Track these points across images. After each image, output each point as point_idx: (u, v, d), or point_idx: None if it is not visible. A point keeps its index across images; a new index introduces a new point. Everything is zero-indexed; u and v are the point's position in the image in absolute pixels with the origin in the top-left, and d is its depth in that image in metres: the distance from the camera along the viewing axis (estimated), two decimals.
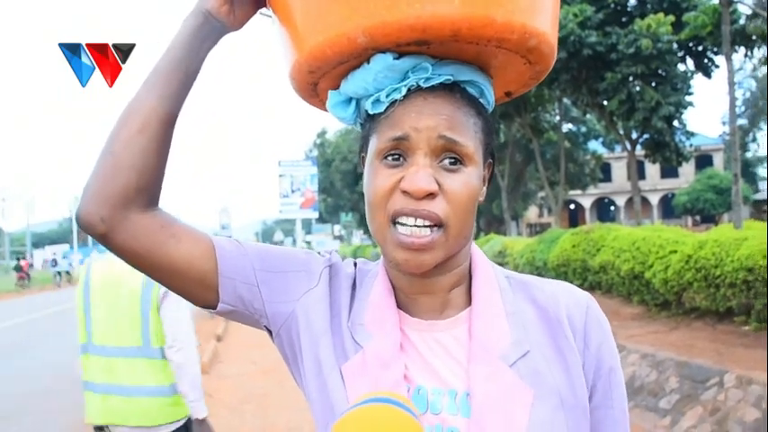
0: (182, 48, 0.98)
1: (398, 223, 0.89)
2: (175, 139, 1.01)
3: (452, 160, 0.89)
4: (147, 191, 0.96)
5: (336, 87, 0.97)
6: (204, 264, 0.99)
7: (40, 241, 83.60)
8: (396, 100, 0.90)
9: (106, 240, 0.96)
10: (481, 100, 0.96)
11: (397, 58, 0.89)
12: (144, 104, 0.96)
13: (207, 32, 0.98)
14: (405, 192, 0.87)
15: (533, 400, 0.90)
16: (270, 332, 1.05)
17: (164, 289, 2.83)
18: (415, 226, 0.88)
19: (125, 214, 0.95)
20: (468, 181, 0.90)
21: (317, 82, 0.97)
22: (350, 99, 0.97)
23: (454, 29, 0.84)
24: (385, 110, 0.91)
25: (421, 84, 0.90)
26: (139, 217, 0.96)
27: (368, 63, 0.90)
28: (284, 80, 1.02)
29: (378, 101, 0.92)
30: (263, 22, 1.04)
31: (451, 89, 0.91)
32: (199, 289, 1.00)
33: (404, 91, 0.90)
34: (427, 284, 0.97)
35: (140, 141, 0.95)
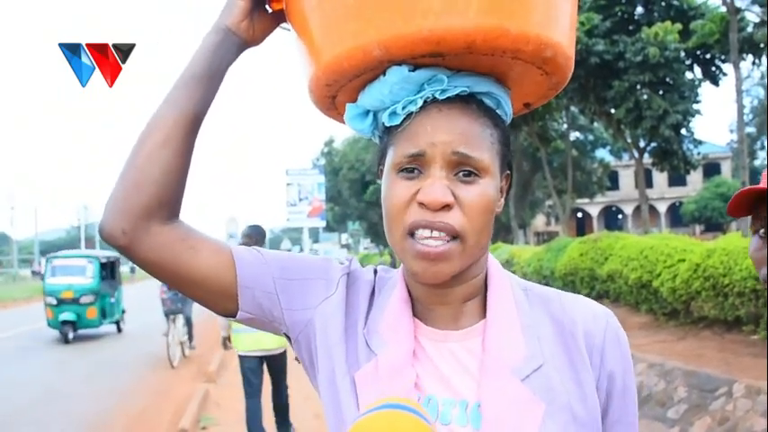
0: (203, 63, 0.99)
1: (415, 235, 0.89)
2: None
3: (467, 172, 0.89)
4: (168, 204, 0.98)
5: (354, 100, 0.98)
6: (223, 274, 1.00)
7: (48, 249, 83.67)
8: (412, 112, 0.91)
9: (128, 252, 0.98)
10: (498, 111, 0.96)
11: (413, 70, 0.89)
12: (167, 119, 0.97)
13: (227, 48, 1.00)
14: (421, 204, 0.88)
15: (544, 415, 0.89)
16: (289, 338, 1.06)
17: None
18: (431, 237, 0.88)
19: (146, 227, 0.96)
20: (483, 192, 0.90)
21: (334, 95, 0.98)
22: (367, 112, 0.98)
23: (468, 41, 0.84)
24: (401, 122, 0.92)
25: (437, 96, 0.90)
26: (160, 230, 0.97)
27: (384, 75, 0.91)
28: (293, 88, 1.02)
29: (394, 113, 0.93)
30: (273, 33, 1.05)
31: (467, 101, 0.92)
32: (219, 298, 1.02)
33: (420, 103, 0.90)
34: (443, 295, 0.97)
35: (163, 155, 0.96)
